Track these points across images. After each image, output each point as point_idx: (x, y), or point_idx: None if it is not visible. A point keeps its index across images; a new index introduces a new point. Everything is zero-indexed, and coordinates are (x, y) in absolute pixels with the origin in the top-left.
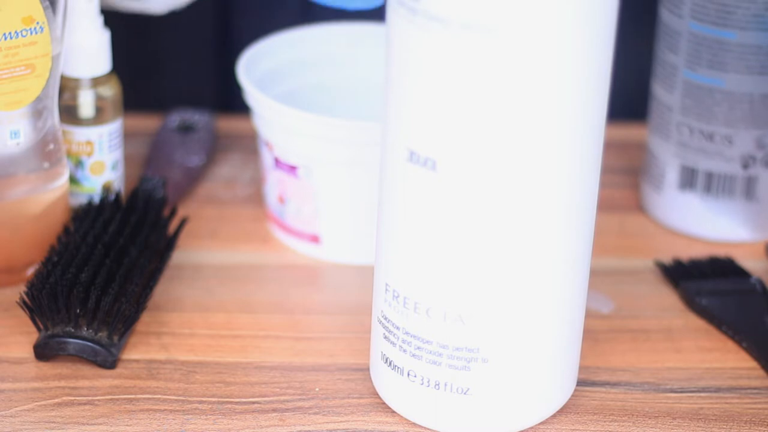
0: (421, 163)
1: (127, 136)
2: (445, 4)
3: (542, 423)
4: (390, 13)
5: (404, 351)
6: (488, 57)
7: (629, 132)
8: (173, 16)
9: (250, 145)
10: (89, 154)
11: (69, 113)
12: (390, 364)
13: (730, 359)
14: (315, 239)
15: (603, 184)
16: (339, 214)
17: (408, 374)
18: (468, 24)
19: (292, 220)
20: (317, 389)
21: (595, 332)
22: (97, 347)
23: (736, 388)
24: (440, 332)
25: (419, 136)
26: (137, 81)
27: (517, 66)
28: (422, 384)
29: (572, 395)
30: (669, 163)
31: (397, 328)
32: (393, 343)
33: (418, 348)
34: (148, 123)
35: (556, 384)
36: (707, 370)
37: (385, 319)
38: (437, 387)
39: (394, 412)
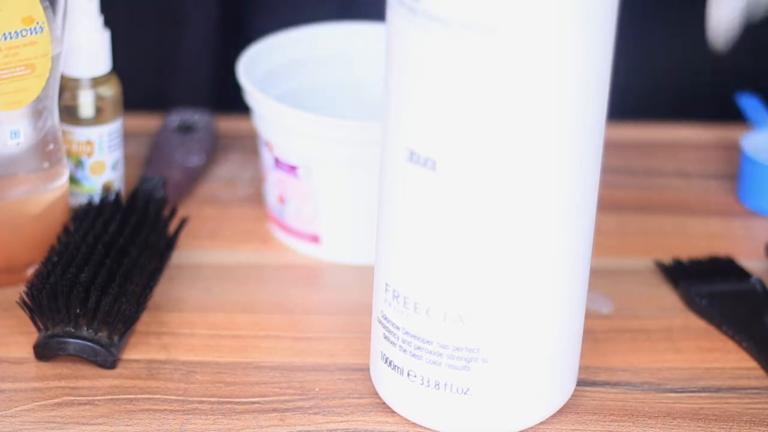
0: (421, 163)
1: (127, 136)
2: (445, 4)
3: (542, 423)
4: (390, 13)
5: (404, 351)
6: (488, 57)
7: (630, 132)
8: (173, 16)
9: (250, 145)
10: (89, 154)
11: (69, 113)
12: (390, 364)
13: (730, 359)
14: (315, 239)
15: (603, 184)
16: (339, 214)
17: (408, 374)
18: (468, 24)
19: (292, 220)
20: (317, 389)
21: (595, 332)
22: (97, 347)
23: (736, 388)
24: (440, 332)
25: (419, 136)
26: (137, 81)
27: (517, 66)
28: (422, 384)
29: (572, 395)
30: None
31: (397, 328)
32: (393, 343)
33: (418, 348)
34: (148, 123)
35: (555, 384)
36: (707, 370)
37: (385, 319)
38: (437, 387)
39: (394, 412)
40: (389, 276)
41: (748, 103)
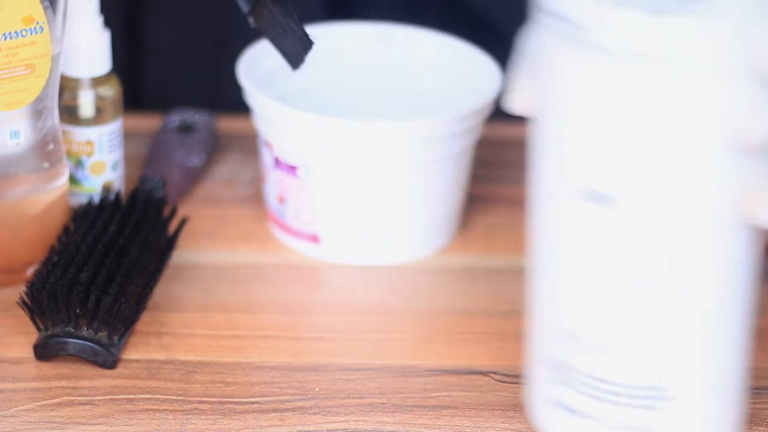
0: (599, 200)
1: (127, 136)
2: (621, 36)
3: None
4: (550, 46)
5: (581, 393)
6: (668, 88)
7: None
8: (173, 16)
9: (250, 145)
10: (89, 154)
11: (69, 113)
12: (564, 407)
13: None
14: (315, 239)
15: None
16: (338, 214)
17: (587, 417)
18: (643, 55)
19: (291, 220)
20: (317, 389)
21: None
22: (97, 347)
23: None
24: (622, 372)
25: (596, 172)
26: (137, 81)
27: (699, 96)
28: (602, 426)
29: None
30: None
31: (573, 370)
32: (568, 386)
33: (598, 389)
34: (148, 123)
35: (735, 421)
36: None
37: (557, 362)
38: (618, 428)
39: (393, 411)
40: (564, 318)
41: None
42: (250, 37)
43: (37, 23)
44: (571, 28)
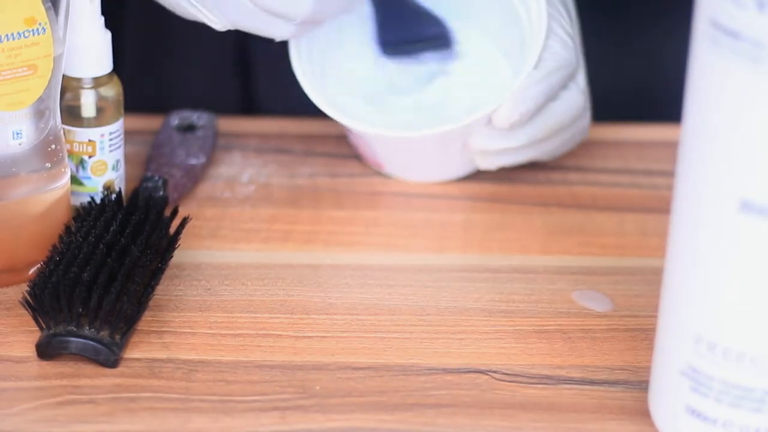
0: (757, 211)
1: (128, 135)
2: None
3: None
4: (710, 56)
5: (720, 401)
6: None
7: (630, 132)
8: (173, 16)
9: (250, 145)
10: (91, 154)
11: (71, 113)
12: (699, 416)
13: None
14: None
15: (603, 184)
16: None
17: (723, 425)
18: None
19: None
20: (318, 388)
21: (594, 331)
22: (98, 346)
23: None
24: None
25: (755, 183)
26: (138, 81)
27: None
28: None
29: (571, 394)
30: None
31: (712, 379)
32: (705, 395)
33: (739, 397)
34: (149, 123)
35: None
36: None
37: (695, 371)
38: None
39: (393, 410)
40: (704, 327)
41: None
42: (249, 36)
43: (39, 24)
44: (749, 45)
